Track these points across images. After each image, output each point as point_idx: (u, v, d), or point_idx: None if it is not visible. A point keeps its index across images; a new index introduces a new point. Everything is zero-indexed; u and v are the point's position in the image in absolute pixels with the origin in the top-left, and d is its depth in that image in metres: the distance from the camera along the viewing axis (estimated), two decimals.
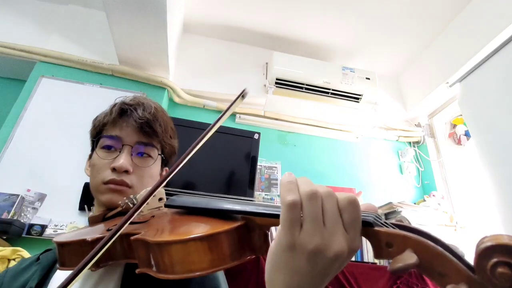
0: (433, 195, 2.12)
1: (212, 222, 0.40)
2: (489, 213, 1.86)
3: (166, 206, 0.51)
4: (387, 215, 1.87)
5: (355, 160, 2.33)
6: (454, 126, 2.39)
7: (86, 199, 1.58)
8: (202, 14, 2.19)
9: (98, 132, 0.66)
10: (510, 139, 1.63)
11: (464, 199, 2.14)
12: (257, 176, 1.89)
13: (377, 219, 0.32)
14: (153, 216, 0.52)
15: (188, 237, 0.36)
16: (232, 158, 1.70)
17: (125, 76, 2.00)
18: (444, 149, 2.35)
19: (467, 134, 2.26)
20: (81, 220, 1.57)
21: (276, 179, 2.02)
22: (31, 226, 1.49)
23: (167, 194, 0.56)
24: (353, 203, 0.31)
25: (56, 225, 1.53)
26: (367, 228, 0.31)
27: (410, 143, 2.50)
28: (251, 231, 0.39)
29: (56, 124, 1.76)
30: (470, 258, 0.27)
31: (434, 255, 0.27)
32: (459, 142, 2.31)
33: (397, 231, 0.29)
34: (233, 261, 0.36)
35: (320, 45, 2.37)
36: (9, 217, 1.46)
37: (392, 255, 0.29)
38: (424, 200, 2.11)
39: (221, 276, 0.59)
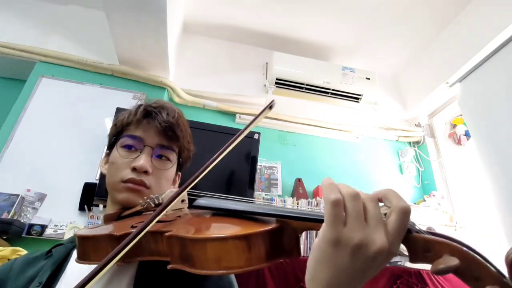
0: (433, 195, 2.12)
1: (245, 223, 0.41)
2: (489, 213, 1.86)
3: (194, 207, 0.52)
4: (387, 215, 1.86)
5: (355, 160, 2.33)
6: (454, 126, 2.39)
7: (86, 199, 1.58)
8: (202, 14, 2.19)
9: (119, 131, 0.67)
10: (510, 139, 1.63)
11: (464, 199, 2.14)
12: (257, 176, 1.89)
13: (413, 226, 0.34)
14: (179, 217, 0.52)
15: (228, 234, 0.37)
16: (232, 158, 1.70)
17: (125, 76, 2.00)
18: (444, 149, 2.35)
19: (467, 134, 2.26)
20: (81, 220, 1.57)
21: (276, 179, 2.02)
22: (31, 226, 1.49)
23: (188, 196, 0.57)
24: (407, 214, 0.32)
25: (56, 225, 1.53)
26: (406, 234, 0.33)
27: (410, 143, 2.50)
28: (285, 234, 0.40)
29: (56, 124, 1.76)
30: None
31: (470, 261, 0.29)
32: (459, 142, 2.31)
33: (435, 237, 0.32)
34: (268, 261, 0.38)
35: (320, 45, 2.37)
36: (9, 217, 1.46)
37: (428, 260, 0.31)
38: (424, 200, 2.11)
39: (235, 282, 0.60)
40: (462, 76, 1.96)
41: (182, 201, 0.56)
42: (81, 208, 1.58)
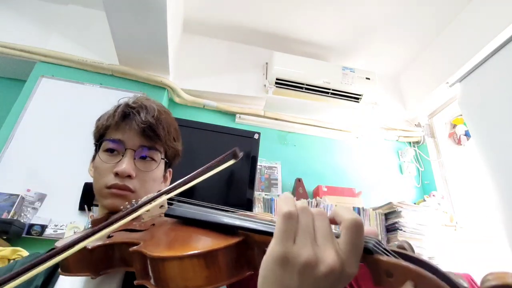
0: (433, 195, 2.12)
1: (211, 235, 0.40)
2: (489, 213, 1.86)
3: (166, 215, 0.51)
4: (387, 215, 1.87)
5: (355, 160, 2.33)
6: (454, 126, 2.39)
7: (86, 199, 1.58)
8: (202, 14, 2.19)
9: (101, 135, 0.66)
10: (510, 139, 1.63)
11: (464, 199, 2.14)
12: (257, 176, 1.89)
13: (377, 245, 0.31)
14: (153, 225, 0.51)
15: (184, 253, 0.36)
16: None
17: (125, 76, 2.00)
18: (444, 149, 2.35)
19: (467, 134, 2.26)
20: (81, 220, 1.57)
21: (276, 179, 2.02)
22: (31, 226, 1.49)
23: (168, 201, 0.56)
24: (357, 227, 0.30)
25: (56, 225, 1.53)
26: (367, 255, 0.31)
27: (410, 143, 2.50)
28: (250, 248, 0.38)
29: (56, 124, 1.76)
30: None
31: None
32: (459, 142, 2.31)
33: (398, 261, 0.29)
34: (230, 278, 0.36)
35: (320, 45, 2.37)
36: (9, 217, 1.46)
37: (391, 285, 0.29)
38: (424, 200, 2.11)
39: None
40: (462, 76, 1.96)
41: (161, 206, 0.55)
42: (81, 208, 1.58)
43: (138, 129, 0.62)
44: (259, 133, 1.77)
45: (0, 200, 1.51)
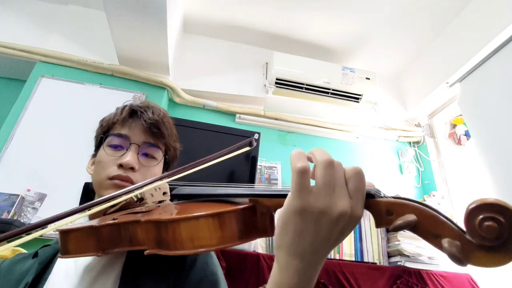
0: (433, 195, 2.12)
1: (221, 205, 0.42)
2: None
3: (173, 196, 0.53)
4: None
5: (355, 160, 2.33)
6: (454, 126, 2.39)
7: (86, 199, 1.58)
8: (202, 14, 2.19)
9: (105, 131, 0.68)
10: (510, 139, 1.63)
11: (464, 199, 2.14)
12: (257, 176, 1.89)
13: (378, 192, 0.36)
14: (159, 207, 0.53)
15: (199, 213, 0.38)
16: (232, 158, 1.70)
17: (125, 76, 2.00)
18: (444, 149, 2.35)
19: (467, 134, 2.26)
20: (81, 220, 1.57)
21: (276, 179, 2.02)
22: None
23: (171, 187, 0.58)
24: (359, 174, 0.34)
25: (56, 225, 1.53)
26: (369, 199, 0.35)
27: (410, 143, 2.50)
28: (258, 213, 0.41)
29: (56, 124, 1.76)
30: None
31: (430, 218, 0.31)
32: (459, 142, 2.31)
33: (396, 200, 0.33)
34: (241, 239, 0.39)
35: (320, 45, 2.37)
36: (9, 217, 1.46)
37: (392, 222, 0.33)
38: (424, 200, 2.11)
39: (220, 273, 0.60)
40: (462, 76, 1.96)
41: (164, 193, 0.58)
42: None
43: (144, 126, 0.66)
44: (259, 133, 1.77)
45: (0, 200, 1.52)
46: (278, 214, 0.35)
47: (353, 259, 1.53)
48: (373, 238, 1.59)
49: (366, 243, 1.57)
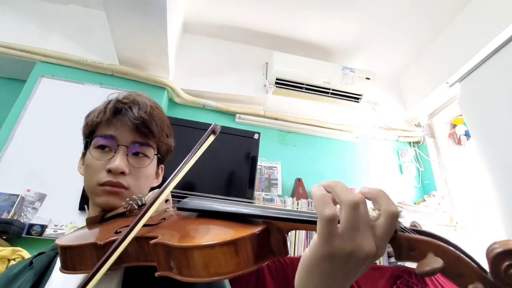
0: (433, 195, 2.12)
1: (231, 225, 0.41)
2: (489, 213, 1.86)
3: (179, 209, 0.51)
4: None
5: (355, 160, 2.33)
6: (454, 126, 2.39)
7: (86, 199, 1.58)
8: (202, 14, 2.19)
9: (91, 132, 0.64)
10: (510, 139, 1.63)
11: (464, 199, 2.14)
12: (257, 176, 1.89)
13: (397, 224, 0.34)
14: (164, 219, 0.51)
15: (215, 242, 0.36)
16: (232, 158, 1.70)
17: (125, 76, 2.00)
18: (444, 149, 2.35)
19: (467, 134, 2.26)
20: (81, 220, 1.57)
21: (276, 179, 2.02)
22: (31, 226, 1.49)
23: (172, 193, 0.56)
24: (395, 217, 0.32)
25: (56, 225, 1.53)
26: None
27: (410, 143, 2.50)
28: (272, 235, 0.40)
29: (56, 124, 1.76)
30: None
31: (453, 259, 0.30)
32: (459, 142, 2.31)
33: (419, 236, 0.32)
34: (257, 263, 0.38)
35: (320, 45, 2.37)
36: (9, 217, 1.46)
37: (413, 258, 0.32)
38: (424, 200, 2.11)
39: (226, 282, 0.58)
40: (462, 76, 1.96)
41: (166, 201, 0.55)
42: (81, 208, 1.59)
43: (131, 125, 0.61)
44: (259, 133, 1.78)
45: (0, 200, 1.52)
46: (303, 257, 0.35)
47: None
48: None
49: None
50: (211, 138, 0.53)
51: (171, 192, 0.55)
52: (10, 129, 1.70)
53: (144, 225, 0.48)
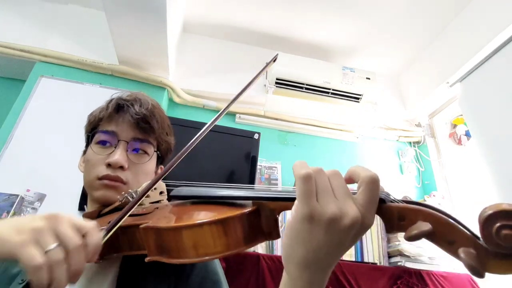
0: (434, 195, 2.11)
1: (222, 209, 0.41)
2: None
3: (171, 197, 0.51)
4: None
5: (355, 160, 2.33)
6: (455, 126, 2.39)
7: (86, 199, 1.58)
8: (202, 14, 2.19)
9: (93, 127, 0.65)
10: (510, 139, 1.62)
11: (464, 199, 2.13)
12: (257, 176, 1.88)
13: (387, 196, 0.34)
14: (157, 208, 0.51)
15: (203, 220, 0.36)
16: (232, 158, 1.70)
17: (125, 76, 2.00)
18: (444, 149, 2.34)
19: (467, 134, 2.25)
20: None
21: (276, 179, 2.01)
22: None
23: (168, 187, 0.56)
24: (375, 182, 0.33)
25: None
26: (380, 204, 0.33)
27: (410, 143, 2.49)
28: (262, 216, 0.40)
29: (56, 124, 1.76)
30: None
31: (444, 225, 0.30)
32: (459, 142, 2.30)
33: (408, 205, 0.32)
34: (246, 244, 0.38)
35: (320, 45, 2.36)
36: (8, 217, 1.46)
37: (403, 228, 0.32)
38: (425, 200, 2.11)
39: (221, 272, 0.58)
40: (463, 76, 1.95)
41: (161, 193, 0.55)
42: (81, 208, 1.57)
43: (132, 121, 0.62)
44: (259, 133, 1.77)
45: (0, 200, 1.51)
46: (286, 224, 0.35)
47: (354, 259, 1.53)
48: (373, 239, 1.58)
49: (366, 243, 1.57)
50: (271, 64, 0.54)
51: (166, 184, 0.55)
52: (10, 129, 1.70)
53: (136, 215, 0.49)
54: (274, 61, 0.54)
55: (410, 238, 0.30)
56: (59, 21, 2.11)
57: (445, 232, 0.30)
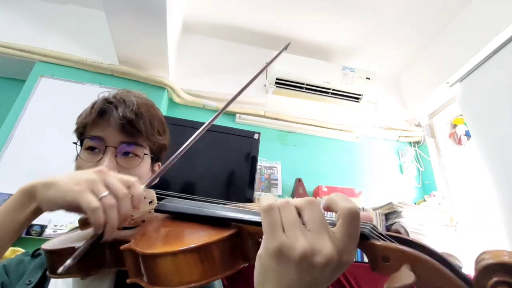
0: (434, 195, 2.11)
1: (203, 229, 0.39)
2: (489, 213, 1.85)
3: (156, 211, 0.49)
4: (387, 215, 1.86)
5: (355, 160, 2.33)
6: (455, 126, 2.39)
7: None
8: (202, 14, 2.19)
9: (81, 133, 0.63)
10: (510, 139, 1.62)
11: (464, 199, 2.13)
12: (257, 176, 1.88)
13: (373, 230, 0.31)
14: (143, 221, 0.50)
15: (178, 249, 0.35)
16: (232, 158, 1.70)
17: (125, 76, 2.00)
18: (444, 149, 2.34)
19: (467, 134, 2.25)
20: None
21: (276, 179, 2.01)
22: (31, 226, 1.49)
23: (158, 197, 0.54)
24: (354, 215, 0.29)
25: (55, 225, 1.53)
26: (363, 240, 0.30)
27: (410, 143, 2.49)
28: (244, 239, 0.38)
29: (55, 124, 1.76)
30: (469, 264, 0.27)
31: (432, 271, 0.27)
32: (459, 142, 2.30)
33: (394, 245, 0.29)
34: (225, 271, 0.36)
35: (320, 45, 2.36)
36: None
37: (388, 270, 0.28)
38: (425, 200, 2.11)
39: (216, 282, 0.57)
40: (463, 76, 1.95)
41: (150, 202, 0.53)
42: None
43: (117, 125, 0.60)
44: (259, 133, 1.77)
45: (0, 200, 1.51)
46: (256, 258, 0.32)
47: (353, 259, 1.53)
48: None
49: None
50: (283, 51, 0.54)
51: (156, 192, 0.54)
52: (10, 129, 1.70)
53: (124, 228, 0.47)
54: (286, 48, 0.54)
55: None
56: (59, 21, 2.11)
57: (433, 279, 0.27)
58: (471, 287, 0.25)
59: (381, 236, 0.30)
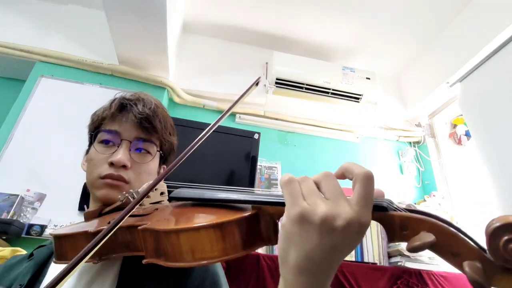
0: (434, 195, 2.11)
1: (221, 212, 0.40)
2: (489, 213, 1.85)
3: (171, 198, 0.50)
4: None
5: (355, 160, 2.33)
6: (455, 126, 2.39)
7: (86, 199, 1.57)
8: (202, 14, 2.19)
9: (96, 127, 0.65)
10: (510, 139, 1.62)
11: (464, 199, 2.13)
12: (257, 176, 1.88)
13: (390, 204, 0.33)
14: (156, 209, 0.51)
15: (200, 224, 0.36)
16: (232, 158, 1.70)
17: (125, 76, 2.00)
18: (444, 149, 2.34)
19: (467, 134, 2.25)
20: (81, 220, 1.56)
21: (276, 179, 2.01)
22: (31, 226, 1.49)
23: (169, 189, 0.55)
24: (369, 179, 0.32)
25: (55, 225, 1.53)
26: (382, 212, 0.32)
27: (410, 143, 2.49)
28: (261, 221, 0.39)
29: (55, 124, 1.76)
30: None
31: (448, 236, 0.29)
32: (459, 142, 2.30)
33: (411, 214, 0.31)
34: (244, 249, 0.37)
35: (320, 45, 2.36)
36: (8, 217, 1.46)
37: (406, 238, 0.31)
38: (425, 200, 2.11)
39: (221, 272, 0.58)
40: (463, 76, 1.95)
41: (162, 193, 0.55)
42: (81, 208, 1.58)
43: (135, 121, 0.62)
44: (259, 133, 1.77)
45: (0, 200, 1.51)
46: (280, 227, 0.34)
47: (353, 259, 1.53)
48: (373, 238, 1.58)
49: (366, 243, 1.57)
50: (254, 88, 0.54)
51: (167, 185, 0.55)
52: (9, 129, 1.70)
53: (136, 215, 0.48)
54: (257, 84, 0.54)
55: (413, 250, 0.29)
56: (59, 21, 2.11)
57: (450, 244, 0.29)
58: (483, 250, 0.28)
59: (398, 208, 0.33)
